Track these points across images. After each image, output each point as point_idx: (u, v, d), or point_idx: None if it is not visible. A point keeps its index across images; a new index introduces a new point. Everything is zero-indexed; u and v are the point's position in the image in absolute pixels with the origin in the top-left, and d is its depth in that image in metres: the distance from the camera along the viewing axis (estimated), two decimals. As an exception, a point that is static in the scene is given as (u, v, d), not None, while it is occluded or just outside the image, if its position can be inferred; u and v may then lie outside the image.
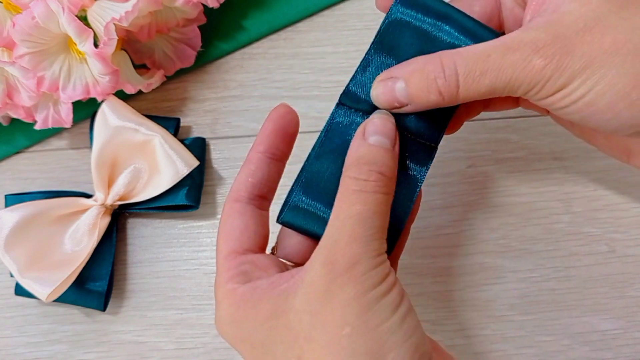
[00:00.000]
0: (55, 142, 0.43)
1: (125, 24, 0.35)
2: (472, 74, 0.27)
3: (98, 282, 0.39)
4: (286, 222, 0.29)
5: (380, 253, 0.26)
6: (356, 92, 0.30)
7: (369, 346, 0.24)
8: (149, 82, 0.40)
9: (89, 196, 0.39)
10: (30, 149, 0.43)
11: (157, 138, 0.38)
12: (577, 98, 0.27)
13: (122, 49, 0.40)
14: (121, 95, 0.40)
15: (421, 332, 0.26)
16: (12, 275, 0.37)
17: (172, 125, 0.41)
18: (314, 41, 0.44)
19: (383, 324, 0.25)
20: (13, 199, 0.39)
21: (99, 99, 0.38)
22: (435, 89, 0.27)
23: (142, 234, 0.41)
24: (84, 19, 0.36)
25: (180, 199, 0.39)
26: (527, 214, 0.41)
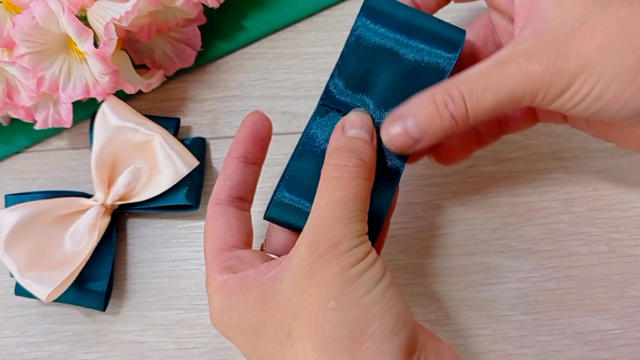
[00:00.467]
0: (55, 142, 0.43)
1: (125, 24, 0.35)
2: (475, 92, 0.28)
3: (98, 282, 0.39)
4: (272, 218, 0.31)
5: (361, 234, 0.27)
6: (334, 92, 0.31)
7: (353, 317, 0.25)
8: (149, 82, 0.40)
9: (89, 196, 0.39)
10: (30, 149, 0.43)
11: (157, 138, 0.38)
12: (584, 95, 0.27)
13: (122, 49, 0.40)
14: (121, 95, 0.40)
15: (403, 304, 0.27)
16: (12, 275, 0.37)
17: (172, 125, 0.41)
18: (314, 41, 0.44)
19: (366, 295, 0.26)
20: (13, 199, 0.39)
21: (99, 99, 0.38)
22: (447, 114, 0.28)
23: (142, 234, 0.41)
24: (84, 19, 0.36)
25: (180, 199, 0.39)
26: (527, 214, 0.41)
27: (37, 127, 0.39)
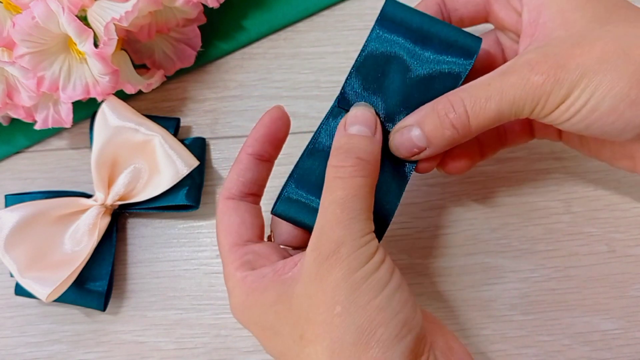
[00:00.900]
0: (55, 142, 0.43)
1: (125, 24, 0.35)
2: (478, 102, 0.29)
3: (98, 282, 0.39)
4: (279, 214, 0.31)
5: (366, 233, 0.27)
6: (350, 95, 0.32)
7: (359, 323, 0.26)
8: (149, 82, 0.40)
9: (89, 196, 0.39)
10: (30, 149, 0.43)
11: (157, 138, 0.38)
12: (580, 106, 0.28)
13: (122, 49, 0.40)
14: (121, 95, 0.40)
15: (410, 306, 0.27)
16: (12, 275, 0.37)
17: (172, 125, 0.41)
18: (314, 41, 0.44)
19: (372, 301, 0.26)
20: (13, 199, 0.39)
21: (99, 99, 0.38)
22: (448, 123, 0.29)
23: (142, 234, 0.41)
24: (84, 19, 0.36)
25: (180, 199, 0.39)
26: (527, 214, 0.41)
27: (37, 127, 0.39)
